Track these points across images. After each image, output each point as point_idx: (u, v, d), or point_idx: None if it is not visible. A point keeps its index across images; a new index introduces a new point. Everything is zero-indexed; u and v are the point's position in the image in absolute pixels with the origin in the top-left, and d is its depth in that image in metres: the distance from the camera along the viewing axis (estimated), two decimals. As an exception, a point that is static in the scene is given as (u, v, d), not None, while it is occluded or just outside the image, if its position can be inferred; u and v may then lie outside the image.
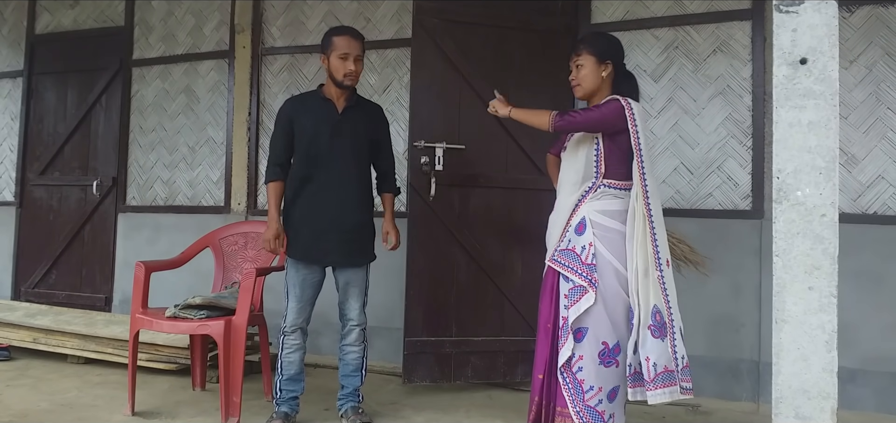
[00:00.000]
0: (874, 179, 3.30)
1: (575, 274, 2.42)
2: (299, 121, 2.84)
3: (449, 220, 3.57)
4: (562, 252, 2.49)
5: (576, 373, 2.42)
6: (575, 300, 2.40)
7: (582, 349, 2.41)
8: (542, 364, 2.53)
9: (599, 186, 2.48)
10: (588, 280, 2.39)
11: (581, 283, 2.40)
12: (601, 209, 2.46)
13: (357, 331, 2.90)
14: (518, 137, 3.62)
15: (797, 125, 1.71)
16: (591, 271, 2.40)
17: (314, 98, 2.91)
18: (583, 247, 2.43)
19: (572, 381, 2.42)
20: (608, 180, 2.47)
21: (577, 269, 2.42)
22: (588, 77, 2.54)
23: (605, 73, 2.53)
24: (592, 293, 2.37)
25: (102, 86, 5.05)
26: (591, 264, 2.40)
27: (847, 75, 3.33)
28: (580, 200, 2.50)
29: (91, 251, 5.04)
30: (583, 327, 2.41)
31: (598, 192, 2.48)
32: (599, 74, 2.53)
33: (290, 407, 2.87)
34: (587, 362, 2.40)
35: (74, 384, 3.52)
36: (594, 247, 2.42)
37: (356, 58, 2.81)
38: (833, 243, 1.67)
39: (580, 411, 2.40)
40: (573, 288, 2.42)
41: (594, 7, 3.83)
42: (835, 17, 1.70)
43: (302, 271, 2.84)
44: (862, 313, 3.22)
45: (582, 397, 2.40)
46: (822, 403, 1.66)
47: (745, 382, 3.43)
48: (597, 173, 2.48)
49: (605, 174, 2.47)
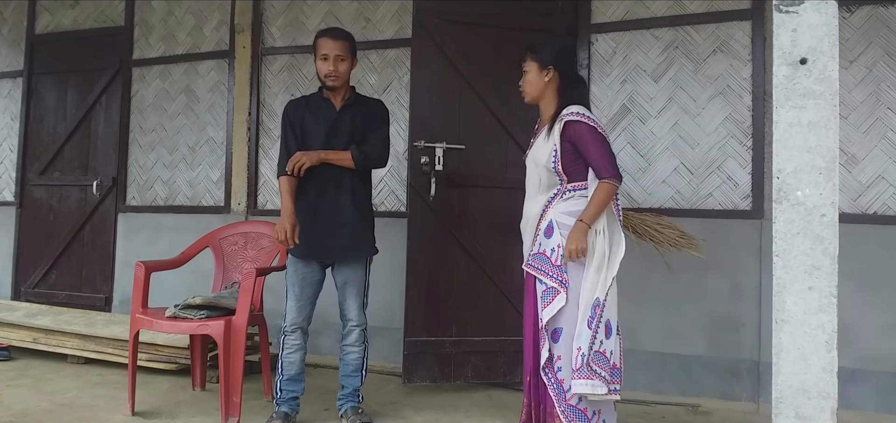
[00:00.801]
0: (874, 179, 3.30)
1: (547, 276, 2.48)
2: (299, 120, 2.87)
3: (449, 220, 3.57)
4: (534, 256, 2.56)
5: (557, 373, 2.47)
6: (548, 302, 2.46)
7: (559, 349, 2.46)
8: (528, 366, 2.60)
9: (565, 191, 2.53)
10: (559, 281, 2.45)
11: (552, 284, 2.46)
12: (567, 211, 2.51)
13: (357, 332, 2.90)
14: (518, 137, 3.62)
15: (797, 125, 1.71)
16: (560, 272, 2.46)
17: (314, 98, 2.95)
18: (552, 249, 2.49)
19: (555, 381, 2.47)
20: (573, 184, 2.52)
21: (548, 271, 2.48)
22: (531, 83, 2.62)
23: (547, 78, 2.58)
24: (563, 294, 2.43)
25: (102, 86, 5.05)
26: (560, 266, 2.46)
27: (847, 75, 3.33)
28: (547, 204, 2.56)
29: (91, 251, 5.04)
30: (558, 327, 2.47)
31: (564, 195, 2.53)
32: (542, 80, 2.59)
33: (290, 407, 2.87)
34: (565, 361, 2.45)
35: (74, 384, 3.52)
36: (563, 248, 2.46)
37: (336, 57, 2.81)
38: (833, 243, 1.67)
39: (565, 411, 2.45)
40: (546, 290, 2.48)
41: (594, 7, 3.82)
42: (835, 17, 1.70)
43: (301, 269, 2.84)
44: (862, 313, 3.22)
45: (563, 396, 2.45)
46: (822, 403, 1.66)
47: (745, 382, 3.43)
48: (561, 180, 2.53)
49: (568, 180, 2.52)
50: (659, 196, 3.65)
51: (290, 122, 2.88)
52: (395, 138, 4.20)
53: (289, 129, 2.88)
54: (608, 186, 2.43)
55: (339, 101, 2.89)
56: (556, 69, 2.59)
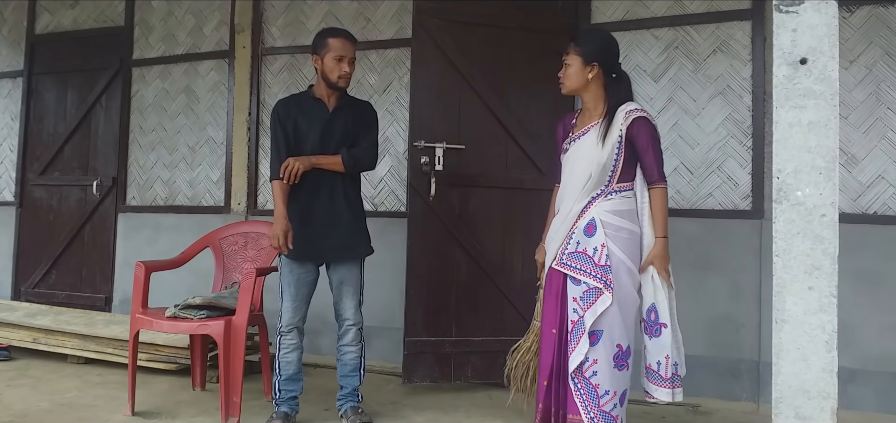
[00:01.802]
0: (874, 179, 3.30)
1: (588, 276, 2.40)
2: (291, 121, 2.85)
3: (449, 220, 3.57)
4: (571, 255, 2.47)
5: (589, 378, 2.39)
6: (591, 302, 2.38)
7: (596, 353, 2.39)
8: (546, 370, 2.50)
9: (611, 191, 2.47)
10: (603, 282, 2.38)
11: (596, 284, 2.38)
12: (612, 210, 2.45)
13: (354, 331, 2.90)
14: (518, 137, 3.63)
15: (797, 125, 1.71)
16: (605, 273, 2.38)
17: (305, 98, 2.92)
18: (595, 248, 2.41)
19: (585, 386, 2.39)
20: (620, 184, 2.48)
21: (590, 271, 2.40)
22: (573, 77, 2.55)
23: (591, 75, 2.52)
24: (609, 295, 2.36)
25: (102, 86, 5.05)
26: (605, 266, 2.39)
27: (847, 75, 3.33)
28: (589, 203, 2.48)
29: (91, 251, 5.04)
30: (598, 329, 2.39)
31: (609, 195, 2.47)
32: (585, 76, 2.53)
33: (289, 407, 2.87)
34: (602, 365, 2.38)
35: (74, 384, 3.52)
36: (607, 248, 2.40)
37: (350, 60, 2.84)
38: (833, 243, 1.67)
39: (594, 416, 2.37)
40: (588, 290, 2.40)
41: (594, 7, 3.82)
42: (835, 17, 1.70)
43: (296, 270, 2.84)
44: (862, 313, 3.22)
45: (597, 401, 2.38)
46: (822, 403, 1.66)
47: (745, 382, 3.43)
48: (610, 179, 2.47)
49: (618, 179, 2.48)
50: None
51: (281, 122, 2.85)
52: (394, 138, 4.21)
53: (280, 130, 2.84)
54: (665, 192, 2.46)
55: (332, 102, 2.88)
56: (601, 65, 2.53)
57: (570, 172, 2.55)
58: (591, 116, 2.56)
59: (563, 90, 2.61)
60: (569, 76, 2.56)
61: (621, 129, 2.45)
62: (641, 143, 2.45)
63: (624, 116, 2.46)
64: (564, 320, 2.45)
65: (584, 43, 2.55)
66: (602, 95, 2.55)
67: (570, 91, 2.59)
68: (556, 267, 2.51)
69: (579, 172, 2.50)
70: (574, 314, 2.41)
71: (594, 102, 2.56)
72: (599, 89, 2.55)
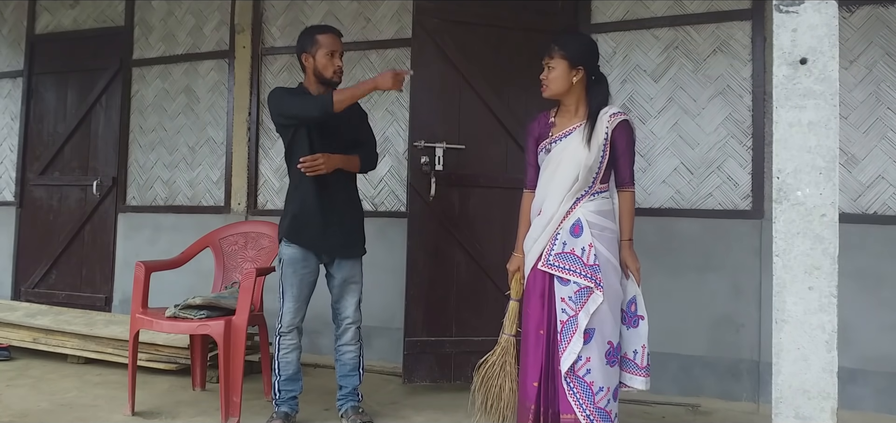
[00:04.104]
0: (874, 179, 3.30)
1: (578, 276, 2.41)
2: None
3: (449, 220, 3.57)
4: (558, 256, 2.48)
5: (583, 376, 2.40)
6: (583, 302, 2.39)
7: (589, 351, 2.40)
8: (536, 371, 2.49)
9: (594, 192, 2.50)
10: (593, 281, 2.40)
11: (587, 284, 2.40)
12: (596, 210, 2.48)
13: (353, 329, 2.91)
14: (518, 137, 3.62)
15: (797, 125, 1.71)
16: (594, 272, 2.41)
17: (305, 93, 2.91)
18: (582, 248, 2.43)
19: (578, 384, 2.40)
20: (601, 186, 2.52)
21: (579, 271, 2.42)
22: (558, 80, 2.54)
23: (576, 78, 2.53)
24: (600, 293, 2.39)
25: (102, 86, 5.05)
26: (594, 265, 2.41)
27: (847, 75, 3.33)
28: (573, 204, 2.50)
29: (91, 251, 5.04)
30: (590, 328, 2.40)
31: (592, 196, 2.50)
32: (570, 79, 2.53)
33: (289, 407, 2.87)
34: (595, 362, 2.40)
35: (74, 384, 3.52)
36: (594, 247, 2.43)
37: (340, 54, 2.90)
38: (833, 243, 1.67)
39: (590, 414, 2.38)
40: (579, 290, 2.41)
41: (594, 7, 3.82)
42: (835, 17, 1.70)
43: (300, 270, 2.84)
44: (862, 313, 3.22)
45: (592, 399, 2.39)
46: (822, 403, 1.66)
47: (745, 382, 3.43)
48: (594, 181, 2.49)
49: (600, 181, 2.51)
50: (659, 196, 3.65)
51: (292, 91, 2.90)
52: (394, 138, 4.21)
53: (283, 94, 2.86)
54: (634, 196, 2.54)
55: None
56: (585, 68, 2.54)
57: (552, 173, 2.55)
58: (571, 117, 2.57)
59: (545, 94, 2.60)
60: (553, 80, 2.55)
61: (607, 131, 2.47)
62: (621, 146, 2.49)
63: (608, 119, 2.48)
64: (552, 320, 2.46)
65: (569, 46, 2.55)
66: (584, 97, 2.57)
67: (553, 95, 2.59)
68: (543, 268, 2.51)
69: (566, 174, 2.50)
70: (563, 314, 2.43)
71: (576, 104, 2.57)
72: (582, 92, 2.57)
